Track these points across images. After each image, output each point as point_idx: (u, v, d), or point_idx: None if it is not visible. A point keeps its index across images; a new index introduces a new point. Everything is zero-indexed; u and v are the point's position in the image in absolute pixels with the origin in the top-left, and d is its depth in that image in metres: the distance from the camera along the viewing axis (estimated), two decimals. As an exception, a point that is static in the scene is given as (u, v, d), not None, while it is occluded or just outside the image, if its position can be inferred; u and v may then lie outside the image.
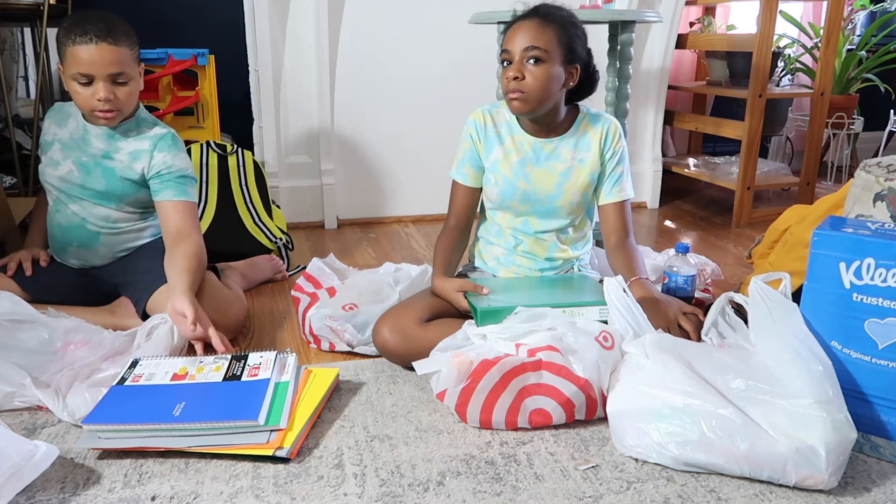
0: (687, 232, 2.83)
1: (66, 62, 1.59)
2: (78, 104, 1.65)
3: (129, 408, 1.29)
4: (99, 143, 1.72)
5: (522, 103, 1.55)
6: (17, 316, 1.51)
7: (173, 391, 1.35)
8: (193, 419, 1.25)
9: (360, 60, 2.75)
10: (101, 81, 1.59)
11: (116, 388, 1.36)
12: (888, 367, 1.21)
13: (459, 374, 1.31)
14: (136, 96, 1.69)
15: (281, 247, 2.34)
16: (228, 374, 1.40)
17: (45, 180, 1.76)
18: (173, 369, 1.43)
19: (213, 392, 1.35)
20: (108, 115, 1.63)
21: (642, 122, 3.15)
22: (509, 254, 1.71)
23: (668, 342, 1.32)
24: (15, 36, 2.86)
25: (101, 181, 1.72)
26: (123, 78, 1.61)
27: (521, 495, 1.15)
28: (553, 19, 1.54)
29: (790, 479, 1.14)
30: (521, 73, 1.53)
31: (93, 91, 1.60)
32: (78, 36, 1.56)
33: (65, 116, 1.77)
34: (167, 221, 1.70)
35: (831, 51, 2.87)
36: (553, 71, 1.53)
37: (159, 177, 1.71)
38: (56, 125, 1.77)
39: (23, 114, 2.86)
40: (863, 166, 1.54)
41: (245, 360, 1.45)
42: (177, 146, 1.74)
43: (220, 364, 1.44)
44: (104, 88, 1.59)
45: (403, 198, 2.95)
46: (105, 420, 1.26)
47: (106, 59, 1.57)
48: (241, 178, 2.35)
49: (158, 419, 1.25)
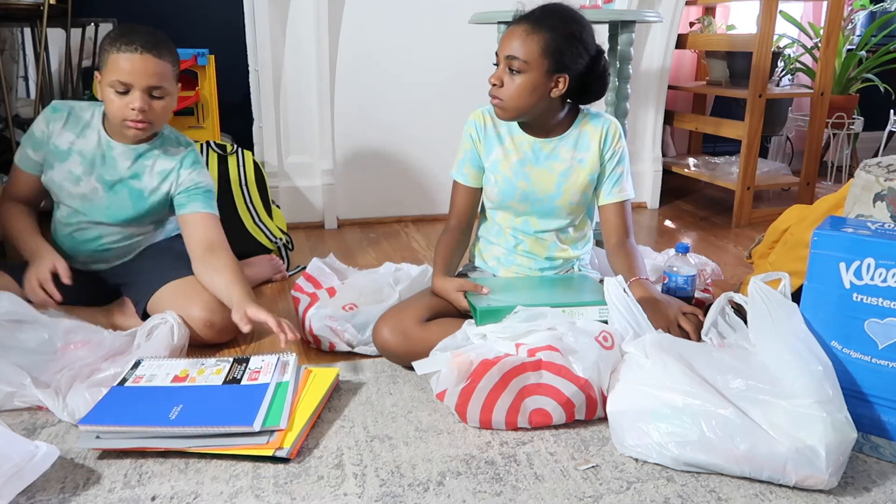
0: (687, 232, 2.83)
1: (107, 69, 1.58)
2: (111, 112, 1.63)
3: (127, 409, 1.29)
4: (125, 163, 1.70)
5: (500, 110, 1.56)
6: (16, 316, 1.51)
7: (172, 393, 1.35)
8: (189, 423, 1.25)
9: (360, 60, 2.75)
10: (138, 91, 1.58)
11: (116, 388, 1.36)
12: (888, 367, 1.21)
13: (459, 374, 1.31)
14: (169, 113, 1.68)
15: (281, 247, 2.34)
16: (229, 378, 1.40)
17: (58, 191, 1.71)
18: (174, 371, 1.43)
19: (212, 396, 1.34)
20: (139, 125, 1.62)
21: (642, 122, 3.15)
22: (509, 253, 1.71)
23: (668, 342, 1.32)
24: (15, 36, 2.86)
25: (128, 203, 1.72)
26: (160, 92, 1.61)
27: (521, 495, 1.15)
28: (544, 27, 1.49)
29: (790, 479, 1.14)
30: (500, 80, 1.53)
31: (128, 100, 1.59)
32: (124, 45, 1.57)
33: (82, 125, 1.71)
34: (196, 233, 1.71)
35: (831, 51, 2.87)
36: (533, 82, 1.51)
37: (186, 191, 1.73)
38: (72, 132, 1.71)
39: (23, 114, 2.86)
40: (863, 166, 1.54)
41: (246, 364, 1.46)
42: (200, 162, 1.77)
43: (221, 367, 1.44)
44: (140, 98, 1.59)
45: (403, 198, 2.95)
46: (102, 421, 1.26)
47: (148, 70, 1.58)
48: (241, 179, 2.35)
49: (154, 422, 1.25)
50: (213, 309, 1.65)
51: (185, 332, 1.60)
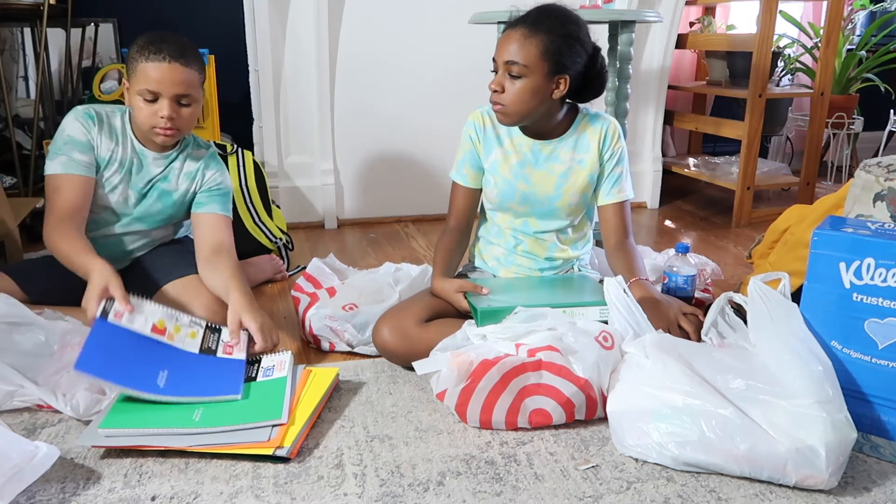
0: (687, 232, 2.83)
1: (135, 78, 1.59)
2: (139, 120, 1.63)
3: (116, 361, 1.34)
4: (156, 169, 1.73)
5: (503, 115, 1.55)
6: (12, 318, 1.50)
7: (155, 352, 1.41)
8: (176, 393, 1.34)
9: (360, 60, 2.75)
10: (166, 100, 1.59)
11: (100, 323, 1.39)
12: (888, 367, 1.21)
13: (459, 374, 1.31)
14: (195, 119, 1.69)
15: (281, 247, 2.34)
16: (204, 347, 1.49)
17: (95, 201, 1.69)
18: (153, 318, 1.47)
19: (193, 364, 1.43)
20: (168, 132, 1.62)
21: (642, 122, 3.15)
22: (509, 253, 1.71)
23: (668, 342, 1.32)
24: (15, 36, 2.86)
25: (157, 205, 1.74)
26: (188, 100, 1.62)
27: (521, 495, 1.15)
28: (541, 29, 1.49)
29: (790, 479, 1.14)
30: (501, 86, 1.52)
31: (157, 108, 1.60)
32: (152, 54, 1.57)
33: (117, 133, 1.70)
34: (208, 234, 1.72)
35: (831, 51, 2.87)
36: (534, 85, 1.50)
37: (208, 192, 1.76)
38: (110, 139, 1.69)
39: (23, 114, 2.86)
40: (863, 166, 1.54)
41: (219, 334, 1.53)
42: (222, 164, 1.80)
43: (195, 330, 1.51)
44: (169, 107, 1.59)
45: (403, 198, 2.95)
46: (95, 371, 1.30)
47: (176, 78, 1.58)
48: (241, 178, 2.35)
49: (145, 388, 1.32)
50: (213, 309, 1.64)
51: None
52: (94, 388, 1.38)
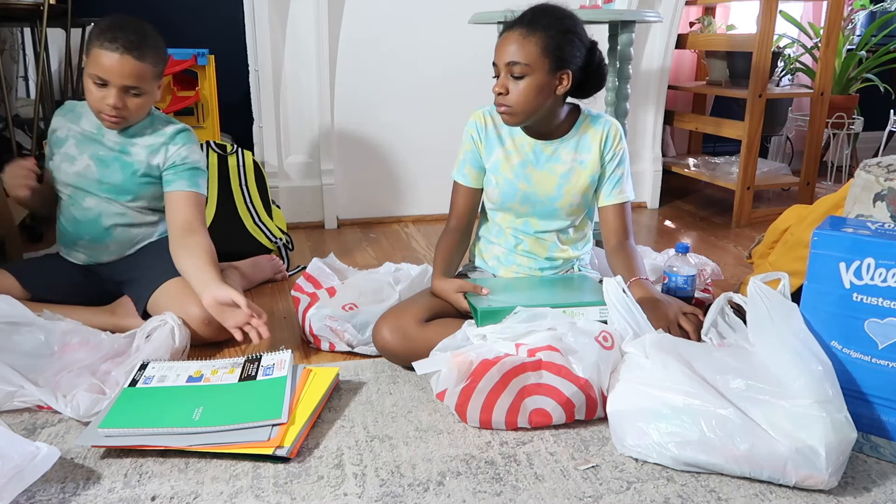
0: (687, 232, 2.83)
1: (89, 60, 1.61)
2: (89, 101, 1.67)
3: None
4: (115, 139, 1.74)
5: (510, 116, 1.56)
6: (12, 318, 1.51)
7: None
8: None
9: (360, 60, 2.75)
10: (114, 88, 1.61)
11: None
12: (888, 367, 1.21)
13: (459, 374, 1.31)
14: (146, 108, 1.71)
15: (281, 247, 2.34)
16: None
17: (60, 178, 1.76)
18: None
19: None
20: (112, 118, 1.65)
21: (642, 122, 3.15)
22: (510, 253, 1.71)
23: (668, 342, 1.32)
24: (15, 36, 2.86)
25: (118, 175, 1.74)
26: (137, 91, 1.64)
27: (521, 495, 1.15)
28: (539, 27, 1.50)
29: (790, 479, 1.14)
30: (505, 88, 1.53)
31: (104, 95, 1.62)
32: (107, 41, 1.58)
33: (78, 115, 1.78)
34: (176, 212, 1.72)
35: (831, 51, 2.87)
36: (538, 83, 1.51)
37: (174, 167, 1.74)
38: (69, 122, 1.78)
39: (23, 114, 2.86)
40: (863, 166, 1.54)
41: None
42: (192, 140, 1.78)
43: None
44: (115, 96, 1.62)
45: (403, 198, 2.95)
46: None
47: (125, 71, 1.60)
48: (241, 178, 2.35)
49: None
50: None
51: (185, 334, 1.59)
52: (94, 389, 1.38)
